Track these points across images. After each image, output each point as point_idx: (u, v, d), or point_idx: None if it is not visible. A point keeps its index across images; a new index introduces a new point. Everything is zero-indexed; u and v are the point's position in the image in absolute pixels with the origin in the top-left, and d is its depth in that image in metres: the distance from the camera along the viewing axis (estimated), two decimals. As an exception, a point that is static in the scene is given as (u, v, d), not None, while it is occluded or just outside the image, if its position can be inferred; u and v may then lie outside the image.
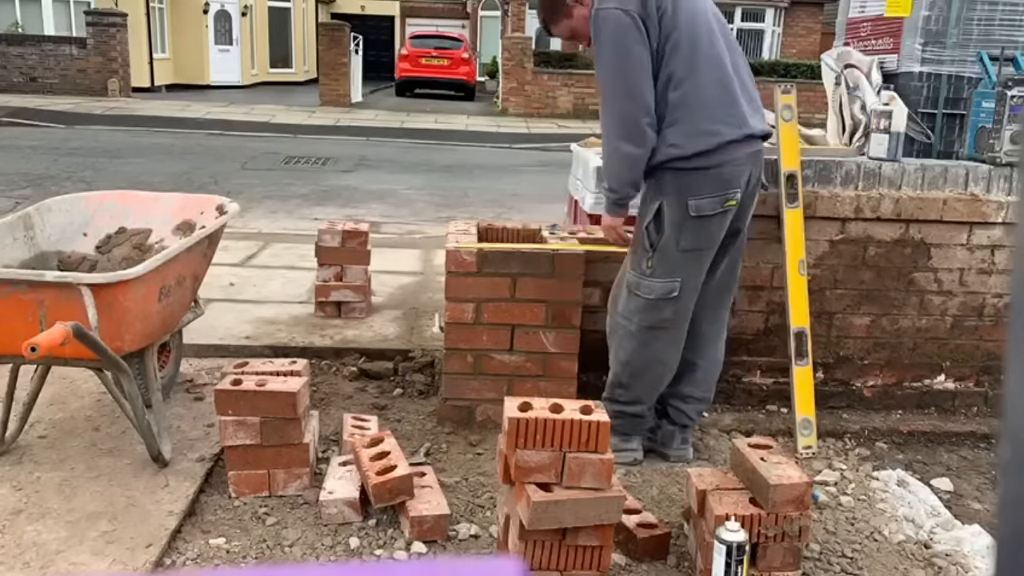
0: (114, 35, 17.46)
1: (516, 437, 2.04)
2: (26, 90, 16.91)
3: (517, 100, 18.67)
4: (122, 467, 2.71)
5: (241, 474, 2.58)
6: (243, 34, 23.76)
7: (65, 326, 2.25)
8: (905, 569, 2.43)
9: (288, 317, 4.19)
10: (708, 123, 2.62)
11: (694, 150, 2.61)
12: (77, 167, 9.42)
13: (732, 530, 2.11)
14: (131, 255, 3.10)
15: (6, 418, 2.76)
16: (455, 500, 2.62)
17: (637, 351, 2.85)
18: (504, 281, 3.05)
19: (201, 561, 2.29)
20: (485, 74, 25.58)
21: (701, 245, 2.73)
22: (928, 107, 3.94)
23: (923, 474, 3.09)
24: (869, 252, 3.40)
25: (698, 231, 2.70)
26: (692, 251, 2.72)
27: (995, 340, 3.53)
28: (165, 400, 2.99)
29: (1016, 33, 3.86)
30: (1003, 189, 3.41)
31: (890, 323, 3.48)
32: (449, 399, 3.18)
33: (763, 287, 3.37)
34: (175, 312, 2.90)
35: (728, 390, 3.48)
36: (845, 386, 3.53)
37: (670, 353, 2.87)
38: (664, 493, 2.79)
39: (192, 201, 3.29)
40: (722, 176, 2.65)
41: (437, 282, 4.55)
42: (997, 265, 3.46)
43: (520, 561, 0.61)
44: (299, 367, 2.81)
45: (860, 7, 4.34)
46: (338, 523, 2.46)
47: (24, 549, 2.26)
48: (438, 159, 11.61)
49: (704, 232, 2.71)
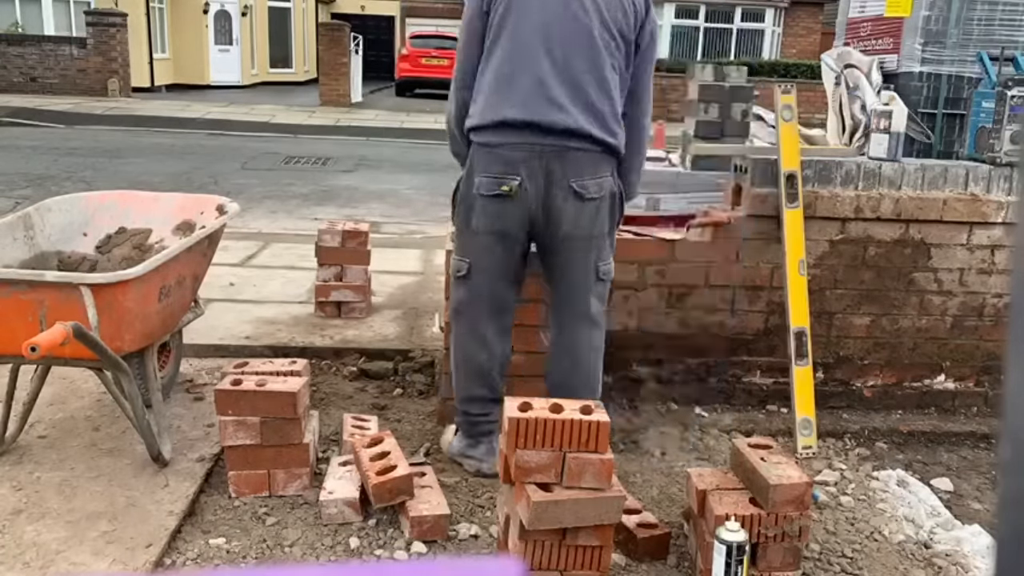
0: (114, 35, 17.46)
1: (516, 437, 2.04)
2: (26, 90, 16.92)
3: (517, 100, 18.62)
4: (122, 467, 2.71)
5: (241, 474, 2.58)
6: (243, 34, 23.75)
7: (65, 326, 2.25)
8: (905, 569, 2.43)
9: (288, 317, 4.19)
10: (496, 100, 2.58)
11: (479, 123, 2.61)
12: (77, 167, 9.42)
13: (732, 530, 2.11)
14: (131, 255, 3.10)
15: (6, 418, 2.76)
16: (455, 500, 2.62)
17: (451, 337, 2.84)
18: (504, 281, 3.04)
19: (201, 561, 2.29)
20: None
21: (483, 227, 2.64)
22: (928, 107, 3.94)
23: (923, 474, 3.09)
24: (869, 252, 3.40)
25: (481, 211, 2.63)
26: (480, 233, 2.65)
27: (995, 340, 3.53)
28: (165, 400, 2.99)
29: (1016, 33, 3.86)
30: (1003, 189, 3.41)
31: (890, 323, 3.48)
32: (449, 399, 3.17)
33: (763, 287, 3.36)
34: (175, 312, 2.90)
35: (728, 390, 3.48)
36: (845, 386, 3.53)
37: (465, 341, 2.77)
38: (664, 493, 2.79)
39: (192, 201, 3.28)
40: (501, 157, 2.58)
41: (437, 282, 4.55)
42: (997, 265, 3.46)
43: (520, 561, 0.61)
44: (299, 367, 2.81)
45: (860, 7, 4.34)
46: (338, 523, 2.46)
47: (24, 549, 2.26)
48: (438, 159, 11.59)
49: (485, 213, 2.62)
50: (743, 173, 3.37)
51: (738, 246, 3.31)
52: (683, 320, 3.38)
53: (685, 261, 3.34)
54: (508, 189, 2.58)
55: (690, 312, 3.38)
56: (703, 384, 3.47)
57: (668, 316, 3.38)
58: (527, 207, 2.60)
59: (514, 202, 2.60)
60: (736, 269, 3.33)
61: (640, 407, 3.41)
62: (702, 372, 3.46)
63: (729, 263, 3.32)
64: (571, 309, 2.74)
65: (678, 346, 3.39)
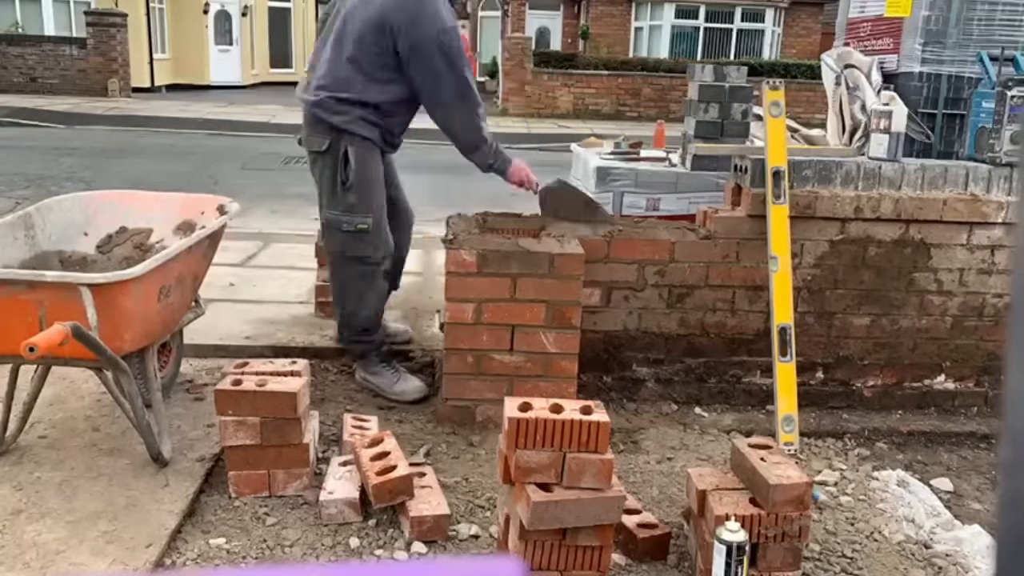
0: (114, 35, 17.46)
1: (516, 437, 2.04)
2: (26, 90, 16.92)
3: (517, 100, 18.66)
4: (122, 467, 2.71)
5: (241, 474, 2.58)
6: (243, 34, 23.75)
7: (64, 326, 2.25)
8: (905, 569, 2.43)
9: (288, 317, 4.19)
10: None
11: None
12: (77, 167, 9.42)
13: (732, 530, 2.11)
14: (132, 255, 3.10)
15: (6, 418, 2.76)
16: (455, 500, 2.62)
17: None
18: (504, 281, 3.05)
19: (201, 561, 2.29)
20: (485, 74, 25.55)
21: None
22: (928, 107, 3.93)
23: (923, 474, 3.09)
24: (869, 252, 3.40)
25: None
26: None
27: (995, 340, 3.53)
28: (165, 400, 2.99)
29: (1016, 33, 3.85)
30: (1003, 189, 3.41)
31: (890, 323, 3.48)
32: (449, 399, 3.17)
33: (763, 287, 3.36)
34: (175, 312, 2.90)
35: (728, 390, 3.48)
36: (845, 386, 3.53)
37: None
38: (664, 493, 2.78)
39: (193, 201, 3.28)
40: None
41: (437, 282, 4.55)
42: (997, 265, 3.46)
43: (520, 561, 0.61)
44: (299, 367, 2.81)
45: (860, 7, 4.34)
46: (338, 523, 2.46)
47: (24, 549, 2.26)
48: (438, 159, 11.58)
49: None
50: (743, 173, 3.37)
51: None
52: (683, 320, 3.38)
53: (685, 260, 3.34)
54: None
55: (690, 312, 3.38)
56: (703, 384, 3.47)
57: (668, 316, 3.38)
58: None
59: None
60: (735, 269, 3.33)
61: (640, 407, 3.41)
62: (702, 372, 3.46)
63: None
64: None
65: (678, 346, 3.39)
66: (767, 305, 3.39)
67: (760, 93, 3.34)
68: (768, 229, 3.19)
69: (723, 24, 22.88)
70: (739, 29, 22.89)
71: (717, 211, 3.44)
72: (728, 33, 22.96)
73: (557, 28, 25.70)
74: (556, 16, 25.60)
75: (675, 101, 17.06)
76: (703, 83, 3.98)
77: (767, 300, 3.38)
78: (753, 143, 3.96)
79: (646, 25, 23.13)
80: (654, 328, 3.39)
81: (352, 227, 3.29)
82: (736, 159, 3.50)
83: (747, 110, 4.01)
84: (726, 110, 3.96)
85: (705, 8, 22.71)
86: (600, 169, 4.02)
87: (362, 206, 3.29)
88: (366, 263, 3.34)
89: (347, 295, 3.41)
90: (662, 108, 17.71)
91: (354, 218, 3.29)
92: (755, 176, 3.30)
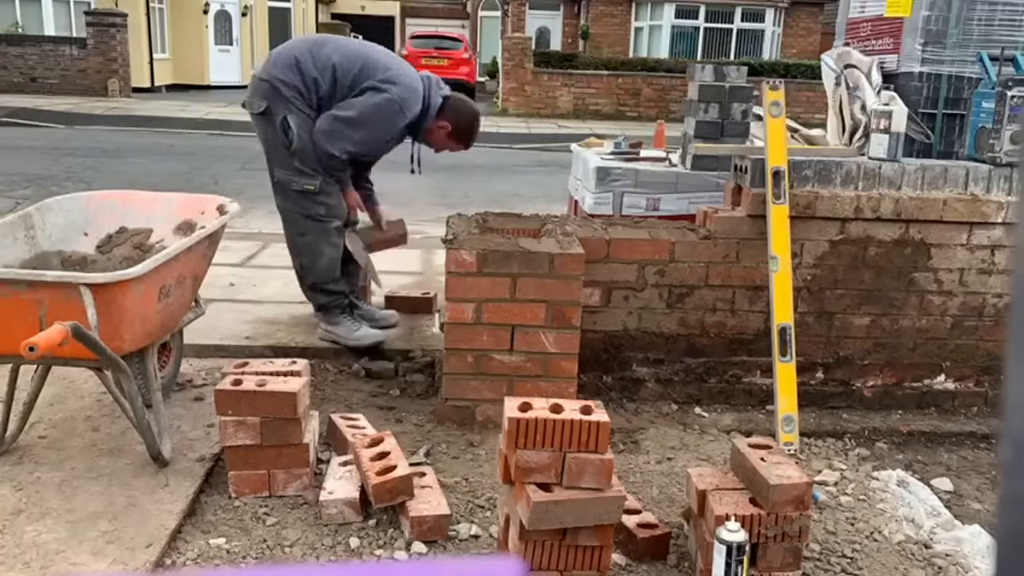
0: (114, 35, 17.46)
1: (516, 437, 2.04)
2: (26, 90, 16.92)
3: (517, 100, 18.67)
4: (122, 467, 2.71)
5: (241, 474, 2.58)
6: (243, 34, 23.75)
7: (64, 326, 2.25)
8: (905, 569, 2.43)
9: (288, 317, 4.19)
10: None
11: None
12: (77, 167, 9.42)
13: (732, 530, 2.11)
14: (132, 255, 3.10)
15: (6, 418, 2.76)
16: (455, 500, 2.62)
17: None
18: (504, 281, 3.05)
19: (201, 561, 2.29)
20: (485, 74, 25.57)
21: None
22: (928, 107, 3.94)
23: (923, 474, 3.09)
24: (869, 252, 3.40)
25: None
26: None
27: (995, 340, 3.53)
28: (165, 400, 2.99)
29: (1016, 33, 3.86)
30: (1003, 189, 3.41)
31: (890, 323, 3.48)
32: (449, 399, 3.18)
33: (763, 287, 3.36)
34: (175, 312, 2.90)
35: (728, 390, 3.48)
36: (845, 386, 3.53)
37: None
38: (664, 493, 2.78)
39: (193, 201, 3.28)
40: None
41: (437, 282, 4.55)
42: (997, 265, 3.46)
43: (520, 561, 0.61)
44: (299, 367, 2.81)
45: (860, 7, 4.34)
46: (338, 523, 2.46)
47: (24, 549, 2.26)
48: (438, 159, 11.58)
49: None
50: (743, 173, 3.37)
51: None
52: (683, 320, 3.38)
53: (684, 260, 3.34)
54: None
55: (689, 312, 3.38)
56: (703, 384, 3.47)
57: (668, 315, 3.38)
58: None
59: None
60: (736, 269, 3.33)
61: (640, 407, 3.41)
62: (702, 372, 3.46)
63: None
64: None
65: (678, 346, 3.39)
66: (767, 305, 3.39)
67: (760, 93, 3.34)
68: (768, 229, 3.20)
69: (723, 24, 22.89)
70: (739, 29, 22.91)
71: (717, 211, 3.44)
72: (728, 33, 22.97)
73: (557, 28, 25.72)
74: (556, 16, 25.61)
75: (675, 101, 17.06)
76: (703, 83, 3.98)
77: (767, 300, 3.38)
78: (753, 143, 3.96)
79: (646, 25, 23.14)
80: (654, 328, 3.39)
81: (300, 187, 3.56)
82: (736, 159, 3.50)
83: (747, 110, 4.01)
84: (726, 110, 3.97)
85: (705, 8, 22.72)
86: (600, 169, 4.02)
87: (308, 169, 3.54)
88: (317, 220, 3.60)
89: (302, 249, 3.67)
90: (662, 108, 17.72)
91: (301, 179, 3.55)
92: (755, 176, 3.30)
